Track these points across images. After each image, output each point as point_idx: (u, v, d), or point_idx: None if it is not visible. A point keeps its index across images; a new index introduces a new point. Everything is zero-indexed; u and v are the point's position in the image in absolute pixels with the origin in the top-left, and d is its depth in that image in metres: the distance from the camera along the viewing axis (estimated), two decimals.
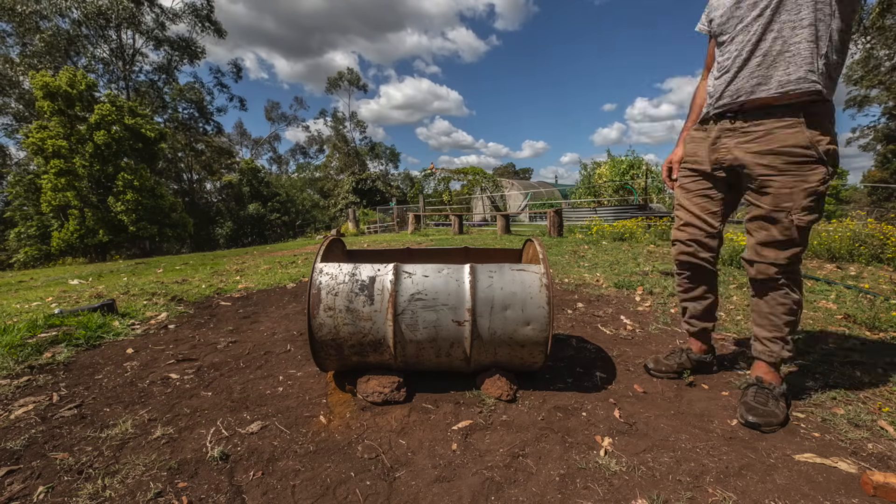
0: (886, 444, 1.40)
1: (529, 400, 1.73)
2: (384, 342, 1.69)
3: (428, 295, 1.67)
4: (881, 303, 2.93)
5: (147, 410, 1.68)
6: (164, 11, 27.11)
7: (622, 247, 6.27)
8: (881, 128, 23.38)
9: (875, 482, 1.15)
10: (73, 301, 3.45)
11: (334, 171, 44.33)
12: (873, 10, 14.80)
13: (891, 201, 20.69)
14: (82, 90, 18.29)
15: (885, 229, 5.03)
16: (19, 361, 2.07)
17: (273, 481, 1.27)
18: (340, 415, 1.64)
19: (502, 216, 9.80)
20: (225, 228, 32.75)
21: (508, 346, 1.71)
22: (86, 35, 24.85)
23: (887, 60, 19.81)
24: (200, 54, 30.05)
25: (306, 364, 2.13)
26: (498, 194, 20.04)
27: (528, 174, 71.66)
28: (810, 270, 4.49)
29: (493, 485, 1.24)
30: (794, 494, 1.18)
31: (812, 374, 1.92)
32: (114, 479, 1.26)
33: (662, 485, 1.23)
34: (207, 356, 2.26)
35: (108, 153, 18.66)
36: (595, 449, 1.40)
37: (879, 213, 12.46)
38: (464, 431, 1.52)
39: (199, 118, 34.27)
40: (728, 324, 2.62)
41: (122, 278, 5.12)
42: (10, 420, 1.59)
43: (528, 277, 1.72)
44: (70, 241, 18.08)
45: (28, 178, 19.85)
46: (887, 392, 1.74)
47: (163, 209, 20.50)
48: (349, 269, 1.73)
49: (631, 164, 15.96)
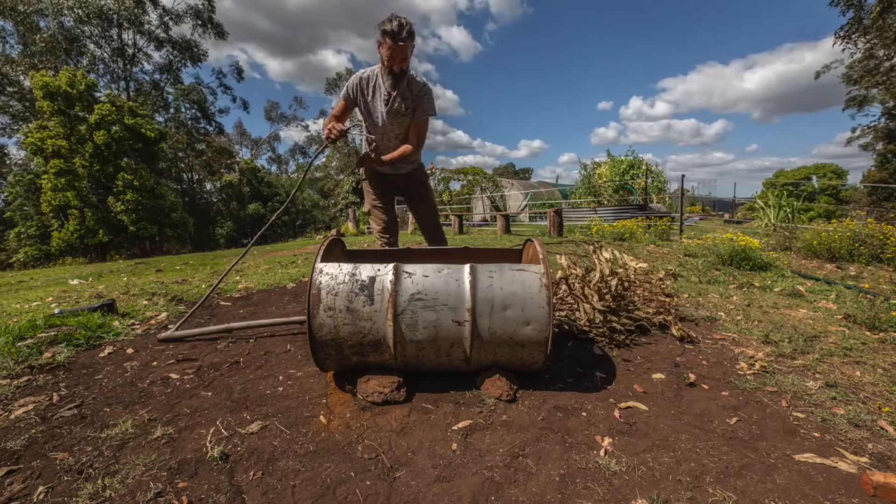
0: (886, 444, 1.40)
1: (529, 400, 1.73)
2: (384, 342, 1.69)
3: (428, 295, 1.67)
4: (881, 303, 2.93)
5: (147, 410, 1.68)
6: (167, 12, 27.11)
7: (622, 247, 6.27)
8: (881, 127, 23.37)
9: (875, 482, 1.16)
10: (73, 301, 3.45)
11: (334, 171, 44.31)
12: (873, 9, 14.79)
13: (891, 201, 20.68)
14: (82, 90, 18.28)
15: (885, 229, 5.03)
16: (19, 361, 2.07)
17: (273, 481, 1.27)
18: (340, 415, 1.64)
19: (502, 216, 9.80)
20: (225, 228, 32.75)
21: (508, 346, 1.71)
22: (87, 35, 24.84)
23: (886, 60, 19.80)
24: (202, 56, 30.05)
25: (306, 364, 2.13)
26: (498, 194, 20.04)
27: (527, 174, 71.64)
28: (810, 270, 4.49)
29: (493, 485, 1.24)
30: (794, 494, 1.18)
31: (812, 374, 1.92)
32: (114, 479, 1.26)
33: (662, 485, 1.23)
34: (207, 356, 2.26)
35: (108, 153, 18.66)
36: (595, 449, 1.40)
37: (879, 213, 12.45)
38: (464, 431, 1.52)
39: (202, 119, 34.26)
40: (728, 324, 2.62)
41: (122, 278, 5.12)
42: (10, 420, 1.59)
43: (528, 277, 1.72)
44: (70, 241, 18.07)
45: (28, 178, 19.85)
46: (887, 392, 1.74)
47: (163, 209, 20.49)
48: (349, 269, 1.73)
49: (631, 163, 15.96)
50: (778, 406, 1.66)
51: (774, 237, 6.67)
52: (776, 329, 2.49)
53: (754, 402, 1.70)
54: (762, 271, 4.25)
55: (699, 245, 5.45)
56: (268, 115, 46.96)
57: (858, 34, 16.10)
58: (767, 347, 2.24)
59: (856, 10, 15.84)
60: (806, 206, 18.79)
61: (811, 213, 19.96)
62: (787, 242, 5.91)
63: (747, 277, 3.93)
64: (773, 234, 7.37)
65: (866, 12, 15.26)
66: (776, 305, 3.03)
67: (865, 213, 8.97)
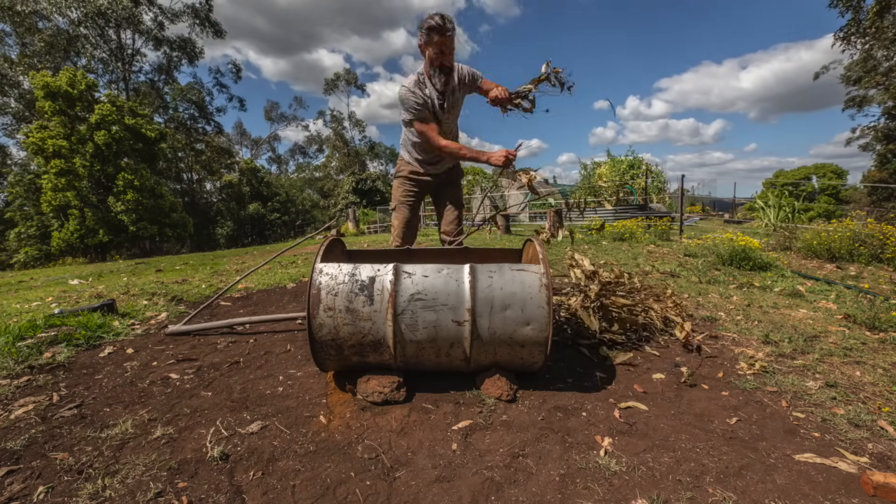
0: (886, 444, 1.40)
1: (529, 400, 1.73)
2: (384, 342, 1.69)
3: (428, 295, 1.67)
4: (881, 303, 2.93)
5: (147, 410, 1.68)
6: (164, 11, 27.11)
7: (622, 247, 6.27)
8: (881, 127, 23.39)
9: (875, 482, 1.16)
10: (73, 301, 3.44)
11: (334, 171, 44.31)
12: (871, 10, 14.80)
13: (891, 201, 20.68)
14: (82, 90, 18.29)
15: (885, 229, 5.04)
16: (19, 361, 2.07)
17: (273, 481, 1.27)
18: (340, 415, 1.64)
19: (502, 216, 9.80)
20: (225, 228, 32.76)
21: (508, 346, 1.71)
22: (85, 35, 24.83)
23: (885, 61, 19.81)
24: (199, 55, 30.07)
25: (306, 364, 2.13)
26: (498, 194, 20.03)
27: None
28: (810, 270, 4.49)
29: (493, 485, 1.24)
30: (794, 494, 1.18)
31: (812, 374, 1.92)
32: (114, 479, 1.26)
33: (662, 485, 1.23)
34: (207, 356, 2.26)
35: (108, 153, 18.66)
36: (595, 449, 1.40)
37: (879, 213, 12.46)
38: (464, 431, 1.52)
39: (200, 118, 34.28)
40: (728, 324, 2.62)
41: (122, 278, 5.11)
42: (10, 420, 1.59)
43: (527, 277, 1.72)
44: (70, 241, 18.08)
45: (28, 178, 19.86)
46: (887, 392, 1.74)
47: (163, 209, 20.50)
48: (349, 269, 1.73)
49: (631, 163, 15.97)
50: (778, 406, 1.66)
51: (774, 237, 6.67)
52: (776, 329, 2.49)
53: (754, 402, 1.70)
54: (762, 271, 4.25)
55: (699, 245, 5.46)
56: (268, 115, 46.97)
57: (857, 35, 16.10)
58: (767, 347, 2.24)
59: (854, 12, 15.85)
60: (806, 206, 18.78)
61: (811, 213, 19.97)
62: (787, 242, 5.91)
63: (747, 277, 3.93)
64: (773, 234, 7.37)
65: (864, 13, 15.26)
66: (776, 305, 3.03)
67: (865, 213, 8.98)
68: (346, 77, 44.56)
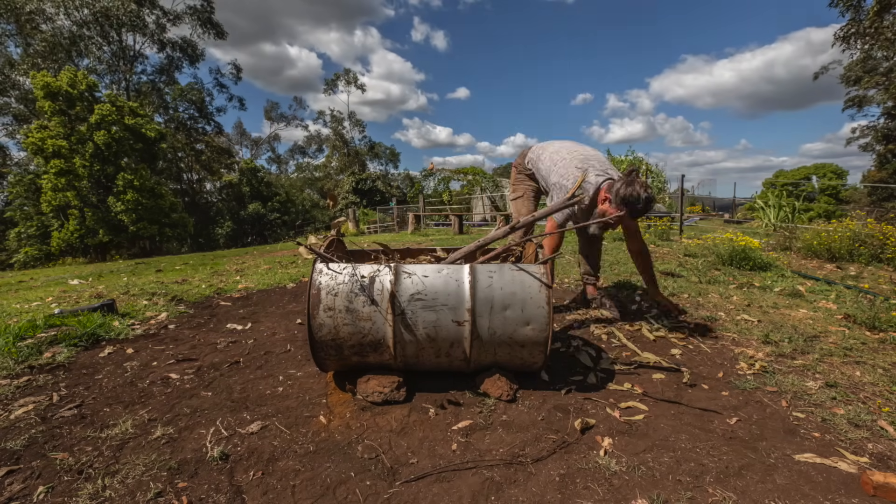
0: (886, 444, 1.40)
1: (529, 400, 1.73)
2: (384, 342, 1.69)
3: (428, 295, 1.67)
4: (881, 303, 2.93)
5: (147, 410, 1.68)
6: (166, 13, 27.11)
7: (622, 247, 6.27)
8: (881, 127, 23.38)
9: (875, 482, 1.16)
10: (73, 301, 3.44)
11: (334, 171, 44.31)
12: (870, 10, 14.79)
13: (890, 201, 20.67)
14: (83, 90, 18.29)
15: (885, 229, 5.04)
16: (19, 361, 2.07)
17: (273, 481, 1.27)
18: (340, 415, 1.64)
19: (503, 216, 9.81)
20: (225, 228, 32.72)
21: (508, 346, 1.71)
22: (88, 36, 24.82)
23: (885, 62, 19.80)
24: (200, 56, 30.08)
25: (306, 364, 2.13)
26: (498, 194, 20.03)
27: None
28: (810, 270, 4.49)
29: (493, 485, 1.24)
30: (794, 494, 1.18)
31: (812, 374, 1.92)
32: (114, 479, 1.26)
33: (662, 485, 1.23)
34: (207, 356, 2.26)
35: (108, 153, 18.65)
36: (595, 449, 1.40)
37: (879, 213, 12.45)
38: (464, 431, 1.52)
39: (200, 118, 34.27)
40: (728, 324, 2.62)
41: (122, 278, 5.11)
42: (10, 420, 1.59)
43: (527, 278, 1.72)
44: (70, 241, 18.07)
45: (28, 178, 19.84)
46: (887, 392, 1.74)
47: (163, 209, 20.48)
48: (349, 269, 1.73)
49: (630, 163, 15.96)
50: (778, 406, 1.66)
51: (774, 237, 6.67)
52: (776, 329, 2.49)
53: (754, 402, 1.70)
54: (762, 271, 4.25)
55: (699, 245, 5.45)
56: (268, 115, 46.96)
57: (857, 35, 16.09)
58: (767, 347, 2.24)
59: (854, 12, 15.84)
60: (806, 207, 18.79)
61: (811, 213, 19.96)
62: (786, 242, 5.91)
63: (747, 277, 3.93)
64: (773, 234, 7.37)
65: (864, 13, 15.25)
66: (776, 305, 3.03)
67: (865, 213, 8.96)
68: (347, 77, 44.56)
